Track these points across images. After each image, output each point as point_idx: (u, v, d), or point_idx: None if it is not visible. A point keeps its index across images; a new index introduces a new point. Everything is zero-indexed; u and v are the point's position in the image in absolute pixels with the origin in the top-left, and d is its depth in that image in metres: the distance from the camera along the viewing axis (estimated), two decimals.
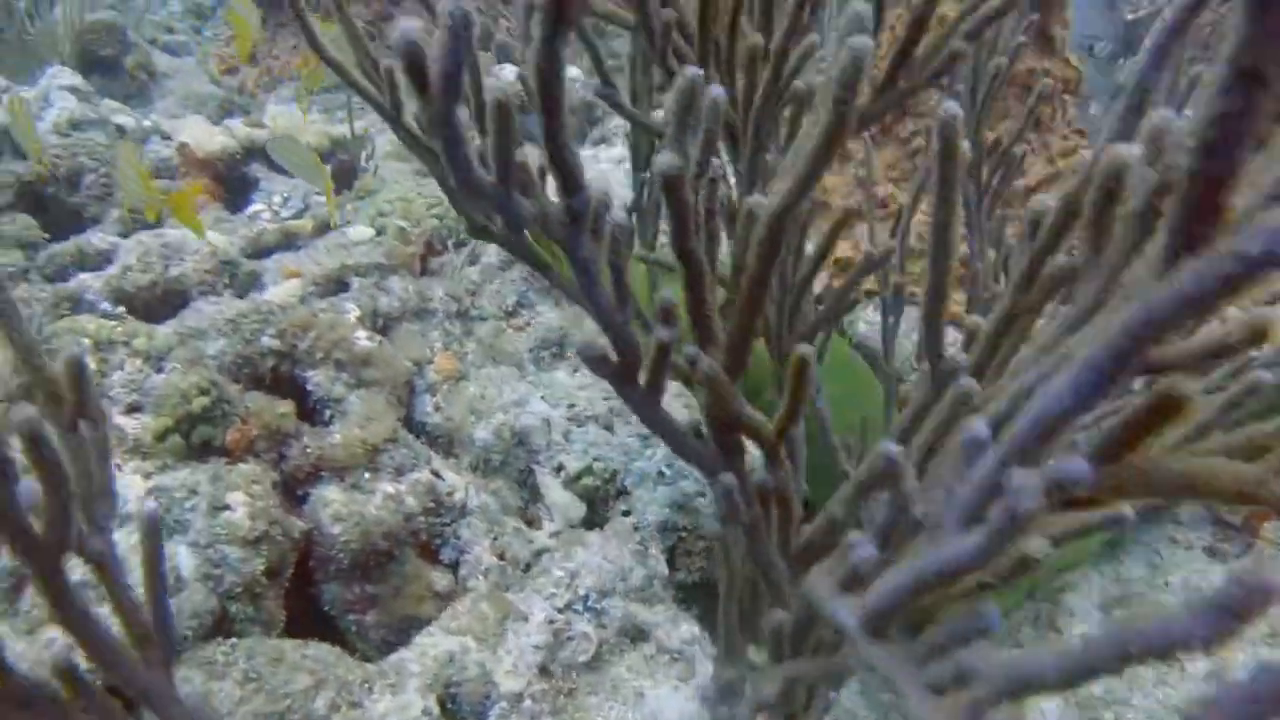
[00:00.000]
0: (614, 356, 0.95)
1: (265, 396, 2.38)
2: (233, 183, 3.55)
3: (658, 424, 0.99)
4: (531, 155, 0.97)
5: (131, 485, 2.13)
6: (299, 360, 2.51)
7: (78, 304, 2.69)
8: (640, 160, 2.58)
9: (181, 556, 2.00)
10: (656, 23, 1.18)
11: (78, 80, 3.59)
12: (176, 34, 5.55)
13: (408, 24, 0.62)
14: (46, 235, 3.01)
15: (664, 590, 2.39)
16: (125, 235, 3.20)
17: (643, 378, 0.94)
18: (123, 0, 5.78)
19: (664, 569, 2.41)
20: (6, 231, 2.85)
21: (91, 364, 2.18)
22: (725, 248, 1.10)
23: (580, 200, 0.81)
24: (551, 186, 0.87)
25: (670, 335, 0.88)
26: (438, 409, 2.68)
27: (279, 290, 2.70)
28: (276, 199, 3.32)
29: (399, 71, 0.58)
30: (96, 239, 3.03)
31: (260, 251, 3.12)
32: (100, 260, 2.98)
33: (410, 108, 1.55)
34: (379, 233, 3.04)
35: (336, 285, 2.77)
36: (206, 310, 2.57)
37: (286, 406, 2.39)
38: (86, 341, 2.20)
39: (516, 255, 1.53)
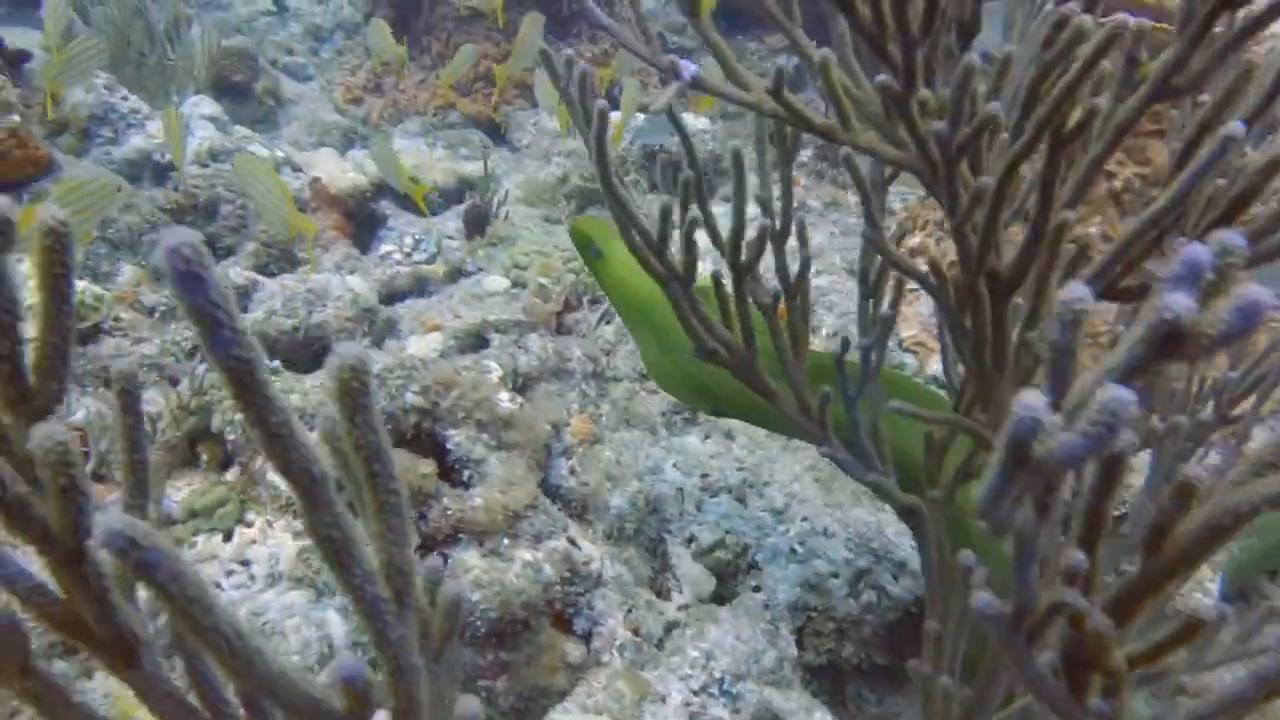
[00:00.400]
0: None
1: (409, 455, 2.37)
2: (362, 219, 3.57)
3: None
4: None
5: (283, 545, 2.13)
6: (440, 418, 2.50)
7: None
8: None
9: (333, 624, 1.99)
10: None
11: (217, 110, 3.64)
12: (295, 55, 5.62)
13: None
14: None
15: (793, 673, 2.35)
16: (260, 269, 3.24)
17: None
18: (247, 22, 5.88)
19: (793, 650, 2.37)
20: (124, 236, 2.88)
21: None
22: None
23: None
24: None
25: None
26: (573, 473, 2.66)
27: (420, 343, 2.70)
28: (408, 240, 3.33)
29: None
30: (234, 273, 3.05)
31: (393, 295, 3.13)
32: (238, 295, 3.01)
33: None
34: (514, 285, 3.03)
35: (476, 340, 2.76)
36: None
37: (429, 467, 2.39)
38: None
39: (742, 379, 1.52)
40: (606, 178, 1.38)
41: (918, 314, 3.10)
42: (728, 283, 1.55)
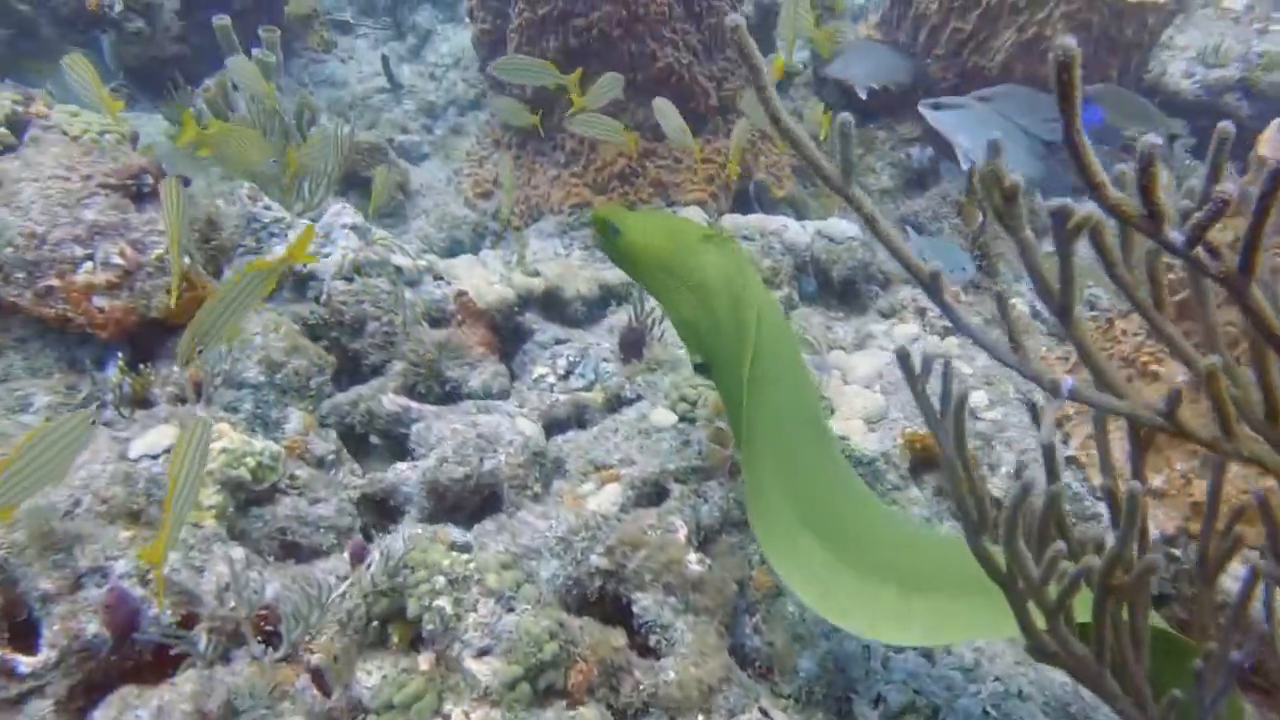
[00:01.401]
0: None
1: (599, 627, 2.24)
2: (507, 333, 3.46)
3: None
4: None
5: None
6: (626, 580, 2.37)
7: (392, 494, 2.60)
8: None
9: None
10: None
11: (359, 218, 3.55)
12: (410, 133, 5.55)
13: None
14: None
15: None
16: (409, 389, 3.13)
17: None
18: (362, 99, 5.84)
19: None
20: (291, 381, 2.77)
21: (447, 606, 2.06)
22: None
23: None
24: None
25: None
26: (758, 631, 2.52)
27: (599, 497, 2.57)
28: (561, 363, 3.21)
29: None
30: (388, 401, 2.95)
31: (552, 425, 3.00)
32: (390, 423, 2.90)
33: None
34: (681, 419, 2.90)
35: (655, 490, 2.63)
36: (534, 524, 2.45)
37: (619, 639, 2.25)
38: (441, 579, 2.08)
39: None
40: None
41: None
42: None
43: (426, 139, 5.57)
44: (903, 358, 1.33)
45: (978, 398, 3.03)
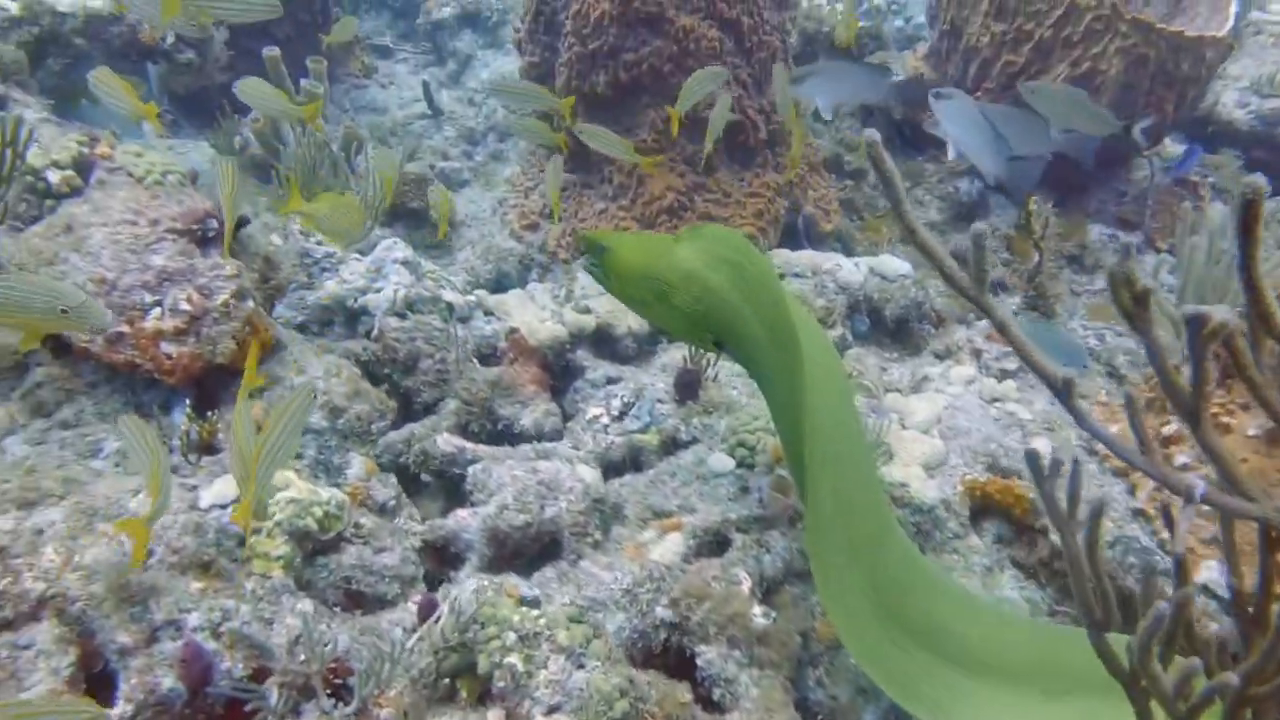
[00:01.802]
0: None
1: (665, 681, 2.23)
2: (558, 370, 3.45)
3: None
4: None
5: None
6: (690, 632, 2.36)
7: (452, 541, 2.59)
8: None
9: None
10: None
11: (409, 253, 3.55)
12: (451, 159, 5.57)
13: None
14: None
15: None
16: (461, 428, 3.13)
17: None
18: (403, 125, 5.86)
19: None
20: (353, 426, 2.77)
21: (518, 663, 2.05)
22: None
23: None
24: None
25: None
26: (821, 684, 2.50)
27: (661, 547, 2.55)
28: (615, 403, 3.19)
29: None
30: (442, 441, 2.94)
31: (608, 467, 2.99)
32: (444, 463, 2.89)
33: None
34: (740, 465, 2.88)
35: (716, 539, 2.61)
36: (599, 575, 2.44)
37: (685, 694, 2.25)
38: (512, 636, 2.07)
39: None
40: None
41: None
42: None
43: (467, 165, 5.58)
44: (1032, 458, 1.30)
45: (1040, 445, 3.00)
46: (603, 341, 3.63)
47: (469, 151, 5.77)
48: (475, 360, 3.39)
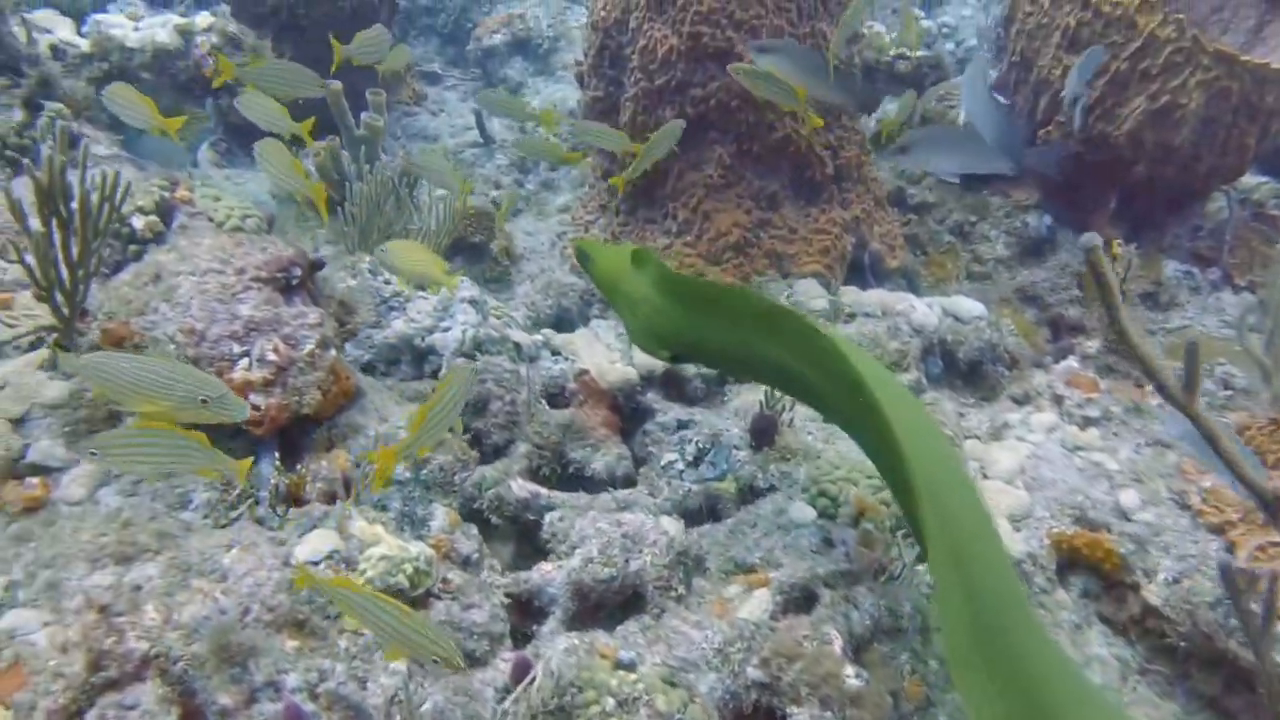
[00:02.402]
0: None
1: None
2: (628, 412, 3.42)
3: None
4: None
5: None
6: (781, 693, 2.32)
7: (536, 595, 2.56)
8: None
9: None
10: None
11: (476, 292, 3.53)
12: (503, 188, 5.56)
13: None
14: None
15: None
16: (533, 472, 3.10)
17: None
18: (455, 154, 5.86)
19: None
20: (436, 477, 2.74)
21: None
22: None
23: None
24: None
25: None
26: None
27: (749, 604, 2.50)
28: (689, 449, 3.15)
29: None
30: (516, 487, 2.90)
31: (685, 515, 2.94)
32: (518, 509, 2.86)
33: None
34: (821, 515, 2.84)
35: (803, 595, 2.56)
36: (689, 634, 2.40)
37: None
38: (611, 701, 2.03)
39: None
40: None
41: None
42: None
43: (519, 194, 5.56)
44: (1224, 569, 1.26)
45: (1128, 498, 2.94)
46: (671, 383, 3.59)
47: (520, 180, 5.75)
48: (544, 401, 3.37)
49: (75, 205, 2.33)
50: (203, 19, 4.61)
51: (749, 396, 3.44)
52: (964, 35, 7.67)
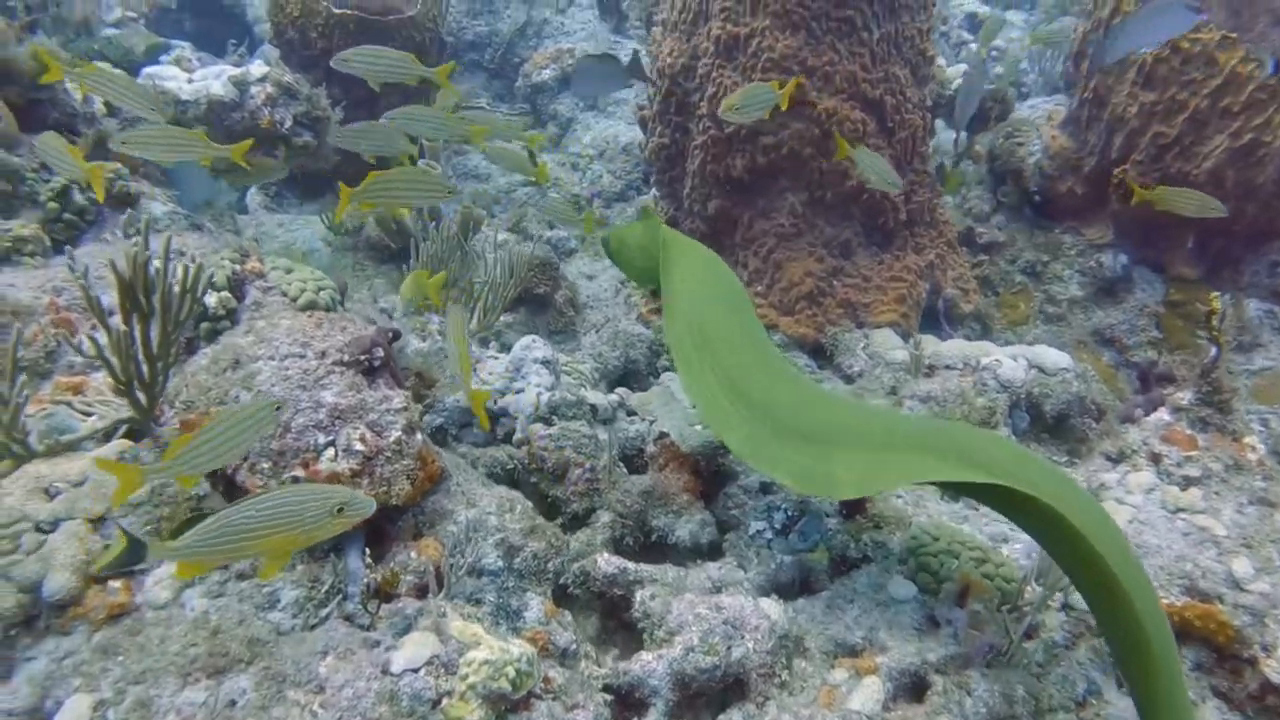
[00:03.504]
0: None
1: None
2: (709, 475, 3.30)
3: None
4: None
5: None
6: None
7: (638, 686, 2.45)
8: None
9: None
10: None
11: (548, 351, 3.44)
12: (557, 227, 5.47)
13: None
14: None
15: None
16: (616, 541, 3.00)
17: None
18: (506, 193, 5.78)
19: None
20: (530, 565, 2.63)
21: None
22: None
23: None
24: None
25: None
26: None
27: (859, 694, 2.39)
28: (779, 517, 3.04)
29: None
30: (604, 563, 2.80)
31: (776, 588, 2.83)
32: (605, 584, 2.75)
33: None
34: (921, 590, 2.71)
35: (913, 682, 2.45)
36: None
37: None
38: None
39: None
40: None
41: None
42: None
43: (573, 233, 5.47)
44: None
45: (1240, 566, 2.81)
46: None
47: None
48: (622, 464, 3.28)
49: (157, 299, 2.24)
50: (257, 68, 4.55)
51: None
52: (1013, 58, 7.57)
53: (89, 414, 2.46)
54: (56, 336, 2.59)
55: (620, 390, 3.57)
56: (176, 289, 2.30)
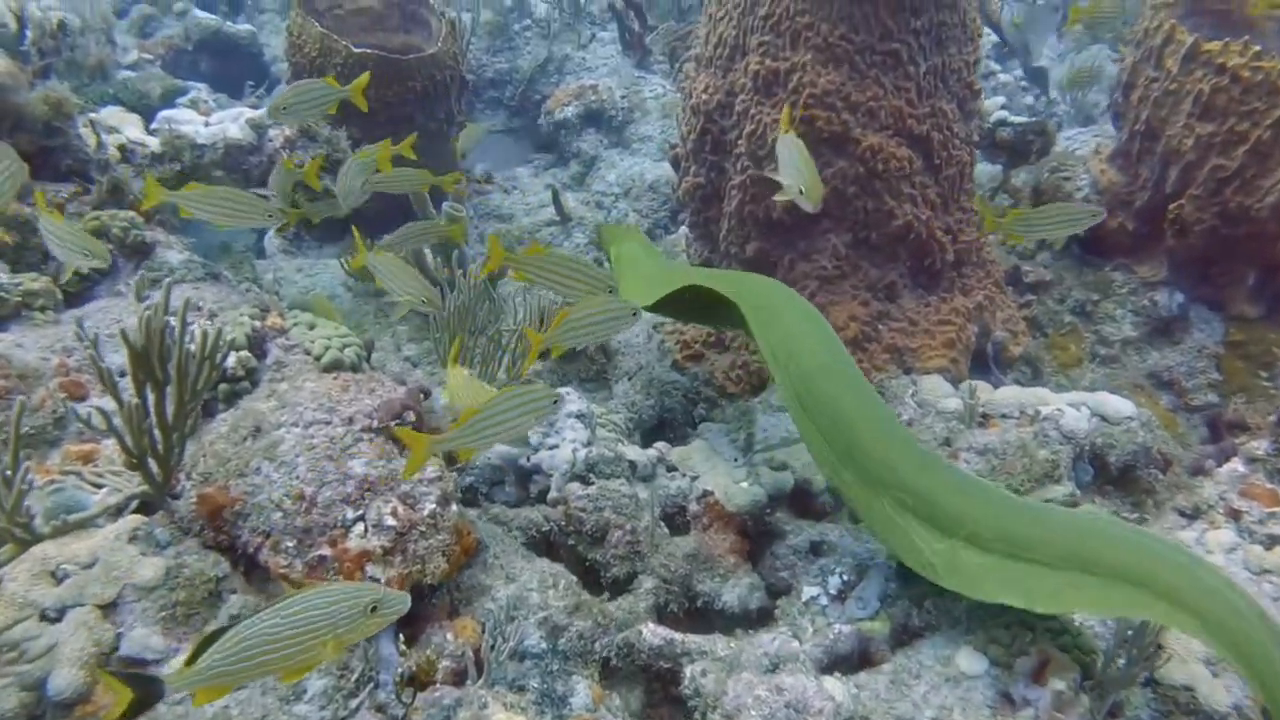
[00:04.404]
0: None
1: None
2: (756, 535, 3.12)
3: None
4: None
5: None
6: None
7: None
8: None
9: None
10: None
11: (583, 405, 3.27)
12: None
13: None
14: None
15: None
16: (660, 609, 2.82)
17: None
18: (530, 233, 5.63)
19: None
20: (575, 646, 2.44)
21: None
22: None
23: None
24: None
25: None
26: None
27: None
28: (834, 581, 2.85)
29: None
30: (649, 634, 2.61)
31: (834, 662, 2.63)
32: (651, 657, 2.57)
33: None
34: (993, 663, 2.51)
35: None
36: None
37: None
38: None
39: None
40: None
41: None
42: None
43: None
44: None
45: None
46: (796, 497, 3.30)
47: (600, 259, 5.49)
48: (663, 524, 3.10)
49: (173, 367, 2.07)
50: None
51: None
52: (1041, 88, 7.40)
53: (100, 485, 2.29)
54: (65, 402, 2.42)
55: (659, 445, 3.39)
56: (194, 349, 2.13)
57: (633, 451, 3.27)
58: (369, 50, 5.01)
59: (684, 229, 5.02)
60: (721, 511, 3.09)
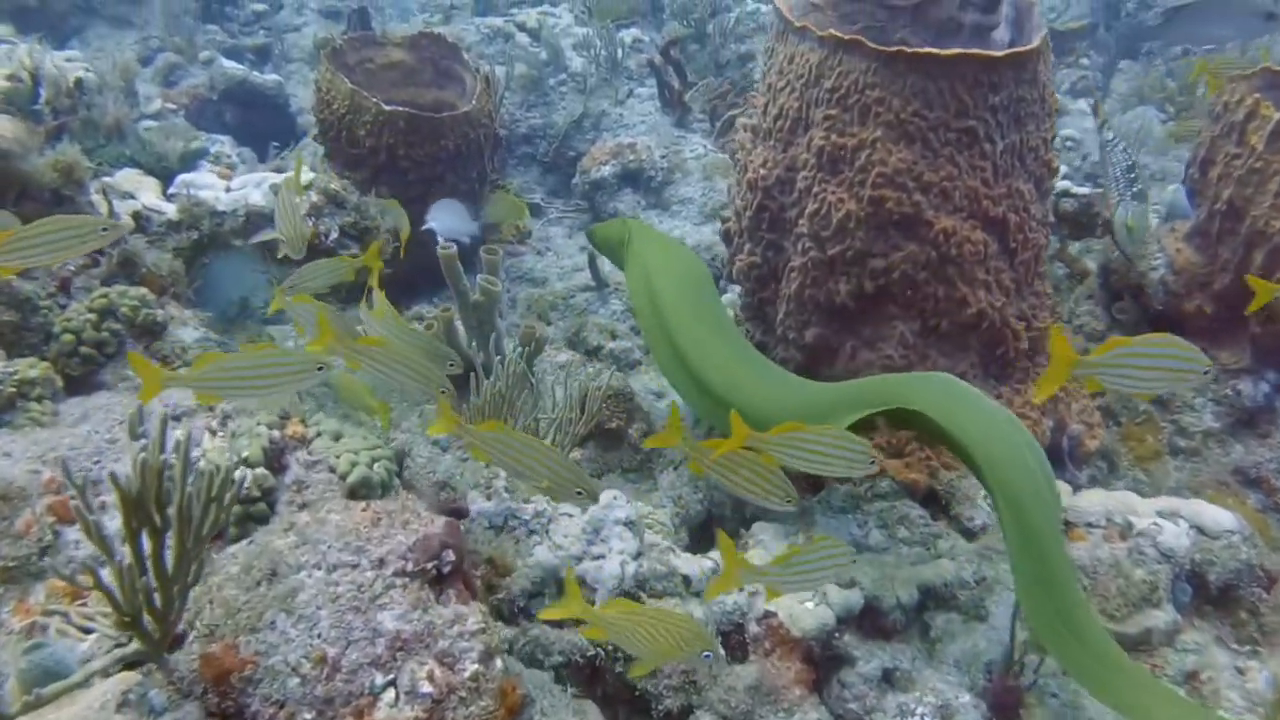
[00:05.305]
0: None
1: None
2: (825, 661, 2.82)
3: None
4: None
5: None
6: None
7: None
8: None
9: None
10: None
11: (632, 510, 2.98)
12: (619, 337, 5.02)
13: None
14: None
15: None
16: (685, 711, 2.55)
17: None
18: (564, 299, 5.37)
19: None
20: None
21: None
22: None
23: None
24: None
25: None
26: None
27: None
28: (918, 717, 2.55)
29: None
30: None
31: None
32: None
33: None
34: None
35: None
36: None
37: None
38: None
39: None
40: None
41: None
42: None
43: (636, 344, 5.02)
44: None
45: None
46: (866, 615, 2.99)
47: (637, 329, 5.21)
48: (720, 646, 2.81)
49: (173, 511, 1.79)
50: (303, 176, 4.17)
51: (967, 641, 2.83)
52: (1088, 149, 7.11)
53: (89, 630, 2.01)
54: (54, 527, 2.15)
55: (715, 555, 3.09)
56: (198, 489, 1.85)
57: (686, 564, 2.99)
58: (400, 109, 4.77)
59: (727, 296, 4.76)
60: (786, 636, 2.80)
